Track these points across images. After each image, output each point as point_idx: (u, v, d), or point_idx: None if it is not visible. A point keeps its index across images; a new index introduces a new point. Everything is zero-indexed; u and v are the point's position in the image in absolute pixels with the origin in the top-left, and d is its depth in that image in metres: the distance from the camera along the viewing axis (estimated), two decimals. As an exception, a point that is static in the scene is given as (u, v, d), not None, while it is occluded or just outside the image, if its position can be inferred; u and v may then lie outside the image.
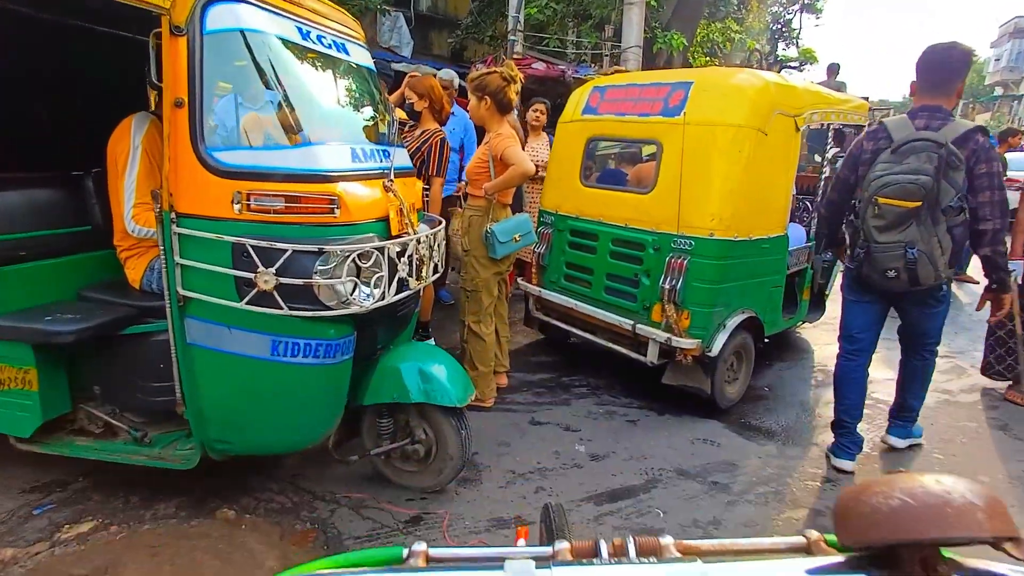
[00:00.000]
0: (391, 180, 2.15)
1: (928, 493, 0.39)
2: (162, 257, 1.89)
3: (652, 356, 3.17)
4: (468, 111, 3.09)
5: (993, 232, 2.35)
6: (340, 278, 1.83)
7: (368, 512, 2.26)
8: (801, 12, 17.05)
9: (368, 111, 2.39)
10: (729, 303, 3.16)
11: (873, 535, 0.40)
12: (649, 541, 0.56)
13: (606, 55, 8.17)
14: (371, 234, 1.98)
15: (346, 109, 2.32)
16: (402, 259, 2.08)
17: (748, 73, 3.18)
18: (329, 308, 1.86)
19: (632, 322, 3.24)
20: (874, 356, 2.77)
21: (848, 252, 2.67)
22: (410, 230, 2.16)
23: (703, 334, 3.07)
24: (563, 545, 0.60)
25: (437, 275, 2.47)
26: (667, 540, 0.56)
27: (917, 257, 2.31)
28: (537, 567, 0.51)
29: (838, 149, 4.18)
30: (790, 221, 3.45)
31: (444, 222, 2.60)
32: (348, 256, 1.84)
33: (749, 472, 2.72)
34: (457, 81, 4.79)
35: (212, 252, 1.85)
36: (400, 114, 3.73)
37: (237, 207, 1.82)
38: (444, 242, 2.57)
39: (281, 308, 1.83)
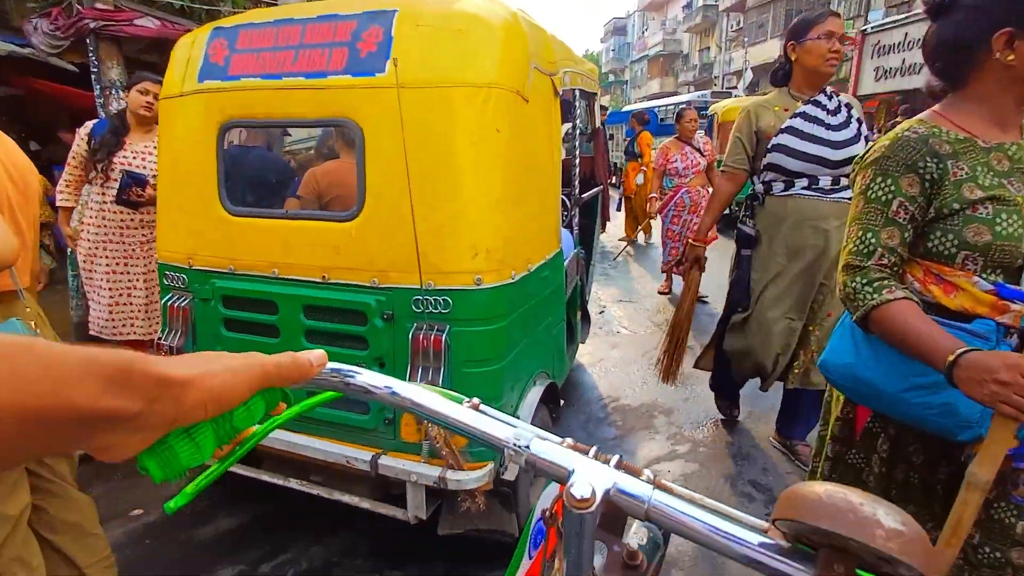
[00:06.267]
0: None
1: (845, 499, 0.40)
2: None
3: (416, 509, 1.76)
4: None
5: None
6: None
7: None
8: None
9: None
10: (518, 378, 1.96)
11: (788, 513, 0.42)
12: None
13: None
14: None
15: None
16: None
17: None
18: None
19: (371, 453, 1.77)
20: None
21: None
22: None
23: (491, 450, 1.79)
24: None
25: None
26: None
27: None
28: None
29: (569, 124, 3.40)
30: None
31: None
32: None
33: None
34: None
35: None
36: None
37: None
38: None
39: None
